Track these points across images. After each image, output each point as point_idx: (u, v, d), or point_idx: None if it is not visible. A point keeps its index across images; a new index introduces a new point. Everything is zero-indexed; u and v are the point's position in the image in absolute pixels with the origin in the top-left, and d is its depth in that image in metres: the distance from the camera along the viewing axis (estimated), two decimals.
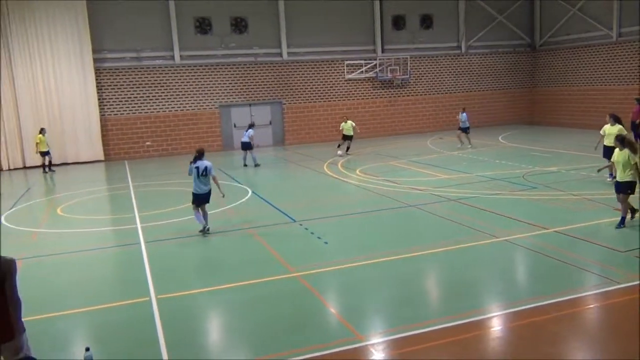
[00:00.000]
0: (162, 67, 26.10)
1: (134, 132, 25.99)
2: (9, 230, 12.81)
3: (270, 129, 28.40)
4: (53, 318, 7.44)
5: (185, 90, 26.54)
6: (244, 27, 27.26)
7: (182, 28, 26.15)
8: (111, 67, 25.35)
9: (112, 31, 25.18)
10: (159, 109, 26.24)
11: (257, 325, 6.87)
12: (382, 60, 29.20)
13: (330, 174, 18.02)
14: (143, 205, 14.72)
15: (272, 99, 28.04)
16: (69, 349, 6.55)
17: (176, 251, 10.55)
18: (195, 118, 26.84)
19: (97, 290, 8.57)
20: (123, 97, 25.68)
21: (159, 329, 6.80)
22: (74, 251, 10.78)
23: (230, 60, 27.10)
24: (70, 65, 24.36)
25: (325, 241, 10.33)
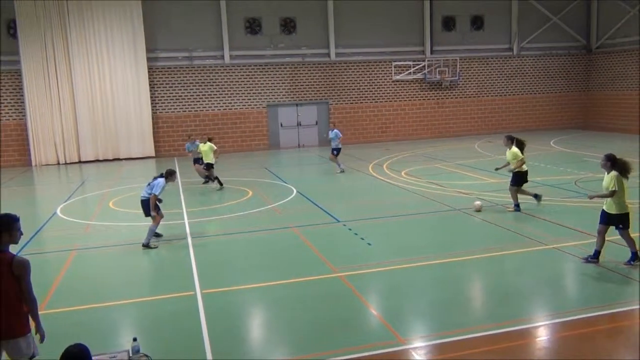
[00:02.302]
0: (212, 66, 26.61)
1: (184, 130, 26.57)
2: (64, 221, 13.34)
3: (316, 129, 28.52)
4: (103, 308, 7.71)
5: (234, 90, 26.97)
6: (293, 27, 27.48)
7: (233, 28, 26.58)
8: (163, 66, 26.03)
9: (165, 31, 25.84)
10: (208, 108, 26.77)
11: (298, 324, 6.92)
12: (430, 61, 28.86)
13: (376, 175, 17.95)
14: (190, 201, 15.05)
15: (318, 99, 28.16)
16: (117, 338, 6.76)
17: (221, 247, 10.74)
18: (243, 117, 27.24)
19: (144, 283, 8.83)
20: (174, 95, 26.33)
21: (203, 323, 6.94)
22: (124, 244, 11.12)
23: (278, 60, 27.37)
24: (125, 64, 25.14)
25: (368, 242, 10.30)
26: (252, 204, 14.31)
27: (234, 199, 15.14)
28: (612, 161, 8.33)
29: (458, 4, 29.23)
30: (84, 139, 24.98)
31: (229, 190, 16.47)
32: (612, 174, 8.24)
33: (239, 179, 18.32)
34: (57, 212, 14.27)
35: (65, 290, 8.54)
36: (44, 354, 4.77)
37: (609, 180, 8.21)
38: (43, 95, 24.39)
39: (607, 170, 8.36)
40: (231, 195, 15.74)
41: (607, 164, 8.37)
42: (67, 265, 9.79)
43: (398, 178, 17.23)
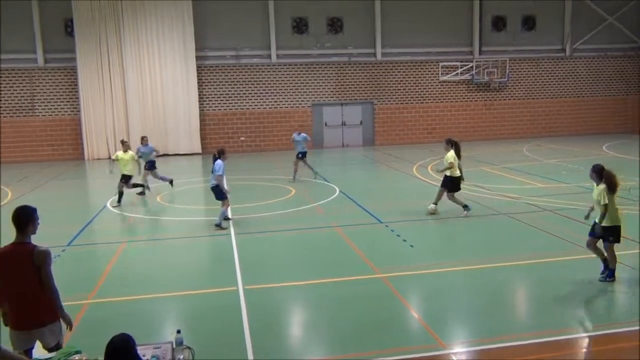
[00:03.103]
0: (259, 65, 26.93)
1: (230, 127, 27.03)
2: (113, 215, 13.77)
3: (360, 129, 28.47)
4: (148, 300, 7.93)
5: (279, 89, 27.21)
6: (340, 27, 27.50)
7: (280, 28, 26.82)
8: (212, 64, 26.51)
9: (214, 30, 26.31)
10: (254, 106, 27.10)
11: (338, 323, 6.92)
12: (479, 62, 28.36)
13: (419, 177, 17.76)
14: (234, 197, 15.24)
15: (363, 99, 28.09)
16: (161, 329, 6.94)
17: (264, 244, 10.86)
18: (288, 116, 27.45)
19: (188, 277, 9.01)
20: (221, 93, 26.78)
21: (244, 318, 7.03)
22: (169, 238, 11.39)
23: (324, 59, 27.45)
24: (175, 62, 25.74)
25: (410, 244, 10.21)
26: (294, 203, 14.41)
27: (277, 196, 15.27)
28: (598, 173, 7.88)
29: (509, 3, 28.61)
30: (134, 135, 25.67)
31: (272, 188, 16.63)
32: (601, 186, 7.77)
33: (282, 177, 18.47)
34: (107, 205, 14.73)
35: (113, 281, 8.82)
36: (91, 343, 4.93)
37: (598, 193, 7.74)
38: (97, 92, 25.23)
39: (596, 181, 7.92)
40: (274, 193, 15.88)
41: (593, 175, 7.96)
42: (115, 257, 10.10)
43: None
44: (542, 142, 26.50)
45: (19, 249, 4.74)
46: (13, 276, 4.70)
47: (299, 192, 15.71)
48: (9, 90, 25.16)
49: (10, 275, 4.70)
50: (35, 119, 25.52)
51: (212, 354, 5.87)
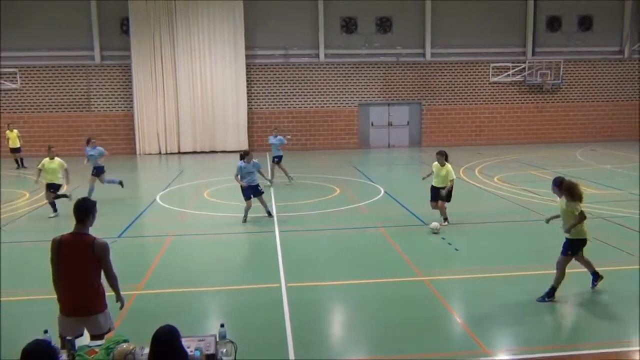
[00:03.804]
0: (307, 64, 27.06)
1: (277, 126, 27.23)
2: (162, 208, 14.13)
3: (407, 129, 28.23)
4: (193, 293, 8.11)
5: (327, 88, 27.28)
6: (389, 26, 27.33)
7: (329, 27, 26.88)
8: (261, 63, 26.82)
9: (264, 29, 26.60)
10: (300, 105, 27.27)
11: (380, 324, 6.89)
12: (531, 63, 27.62)
13: (467, 180, 17.47)
14: (280, 196, 15.40)
15: (411, 99, 27.82)
16: (205, 322, 7.08)
17: (307, 242, 10.92)
18: (335, 115, 27.48)
19: (232, 272, 9.16)
20: (269, 92, 27.06)
21: (286, 315, 7.10)
22: (215, 233, 11.60)
23: (372, 59, 27.34)
24: (225, 60, 26.17)
25: (455, 248, 10.06)
26: (339, 202, 14.43)
27: (322, 195, 15.32)
28: (558, 186, 7.49)
29: (565, 3, 27.74)
30: (184, 131, 26.31)
31: (316, 187, 16.69)
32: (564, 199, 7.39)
33: (327, 176, 18.51)
34: (157, 199, 15.13)
35: (160, 274, 9.06)
36: (138, 332, 5.07)
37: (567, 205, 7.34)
38: (149, 89, 25.94)
39: (559, 195, 7.51)
40: (319, 191, 15.94)
41: (556, 190, 7.55)
42: (163, 250, 10.37)
43: (490, 183, 16.67)
44: (597, 146, 25.59)
45: (80, 239, 4.95)
46: (72, 264, 4.90)
47: (343, 192, 15.72)
48: (67, 86, 26.17)
49: (69, 263, 4.89)
50: (90, 114, 26.45)
51: (253, 350, 5.94)
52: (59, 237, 4.96)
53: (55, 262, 4.92)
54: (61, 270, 4.92)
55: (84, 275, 4.93)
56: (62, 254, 4.89)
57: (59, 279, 4.96)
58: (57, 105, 26.22)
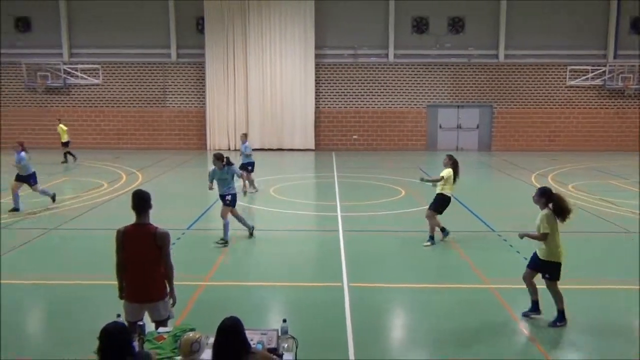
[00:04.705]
0: (376, 64, 26.94)
1: (343, 126, 27.32)
2: None
3: (476, 132, 27.54)
4: (256, 287, 8.26)
5: (395, 88, 27.05)
6: (461, 27, 26.76)
7: (399, 27, 26.63)
8: (330, 62, 26.95)
9: (334, 29, 26.72)
10: (368, 105, 27.19)
11: (441, 330, 6.77)
12: (612, 66, 26.24)
13: (538, 186, 16.84)
14: (345, 195, 15.42)
15: (482, 102, 27.12)
16: (267, 316, 7.21)
17: (371, 243, 10.87)
18: (402, 116, 27.21)
19: (295, 268, 9.26)
20: (337, 91, 27.14)
21: (347, 315, 7.11)
22: (279, 229, 11.78)
23: (443, 60, 26.86)
24: (295, 60, 26.48)
25: (524, 256, 9.69)
26: (404, 204, 14.28)
27: (387, 196, 15.22)
28: (547, 196, 6.81)
29: None
30: (253, 128, 26.83)
31: (382, 188, 16.59)
32: (544, 212, 6.75)
33: (393, 177, 18.36)
34: None
35: (226, 267, 9.30)
36: (204, 321, 5.23)
37: (539, 219, 6.74)
38: (221, 87, 26.66)
39: (541, 206, 6.85)
40: (384, 192, 15.84)
41: (540, 200, 6.85)
42: (230, 244, 10.61)
43: (564, 192, 15.98)
44: None
45: (143, 229, 5.18)
46: (136, 253, 5.13)
47: (409, 194, 15.54)
48: (144, 82, 27.31)
49: (134, 252, 5.13)
50: (165, 109, 27.48)
51: (314, 347, 5.98)
52: (123, 228, 5.20)
53: (120, 251, 5.16)
54: (126, 260, 5.16)
55: (147, 263, 5.15)
56: (126, 244, 5.13)
57: (123, 268, 5.20)
58: (135, 101, 27.42)
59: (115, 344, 3.66)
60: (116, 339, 3.67)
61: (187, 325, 4.85)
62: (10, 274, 8.69)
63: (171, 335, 4.65)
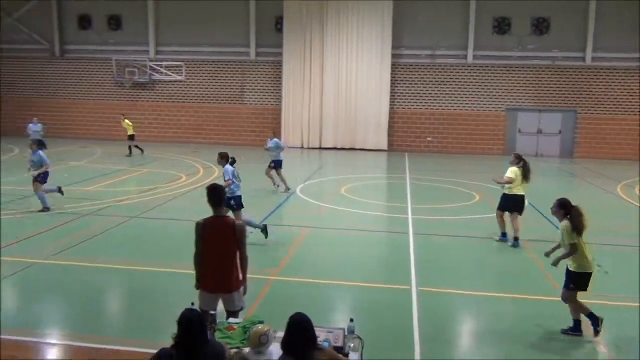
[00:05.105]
0: (454, 65, 26.38)
1: (418, 127, 26.96)
2: (301, 201, 14.68)
3: (558, 138, 26.37)
4: (324, 284, 8.34)
5: (473, 90, 26.37)
6: (546, 27, 25.68)
7: (480, 27, 25.94)
8: (406, 63, 26.66)
9: (411, 29, 26.40)
10: (444, 106, 26.67)
11: (511, 340, 6.56)
12: None
13: (624, 197, 15.91)
14: (416, 197, 15.24)
15: (565, 106, 25.91)
16: (333, 315, 7.25)
17: (443, 248, 10.69)
18: (479, 119, 26.50)
19: (364, 268, 9.26)
20: (412, 92, 26.82)
21: (414, 319, 7.03)
22: (349, 229, 11.79)
23: (525, 62, 25.90)
24: (371, 60, 26.41)
25: (605, 270, 9.21)
26: (478, 209, 13.93)
27: (461, 201, 14.90)
28: (566, 208, 6.69)
29: None
30: (327, 127, 27.04)
31: (455, 192, 16.25)
32: (564, 224, 6.63)
33: (468, 181, 17.92)
34: (297, 191, 15.74)
35: (295, 263, 9.45)
36: (272, 315, 5.34)
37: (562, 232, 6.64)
38: (297, 85, 27.03)
39: (560, 218, 6.74)
40: (458, 196, 15.52)
41: (559, 211, 6.73)
42: (300, 241, 10.79)
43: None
44: None
45: (222, 221, 5.37)
46: (216, 244, 5.32)
47: (484, 199, 15.13)
48: (224, 79, 28.16)
49: (214, 243, 5.32)
50: (242, 106, 28.21)
51: (379, 348, 5.97)
52: (202, 220, 5.40)
53: (200, 242, 5.34)
54: (205, 250, 5.34)
55: (226, 254, 5.33)
56: (206, 235, 5.32)
57: (202, 258, 5.38)
58: (215, 97, 28.33)
59: (192, 330, 3.82)
60: (193, 326, 3.83)
61: (256, 318, 4.98)
62: (92, 257, 9.25)
63: (241, 327, 4.79)
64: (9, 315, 7.28)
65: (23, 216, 12.00)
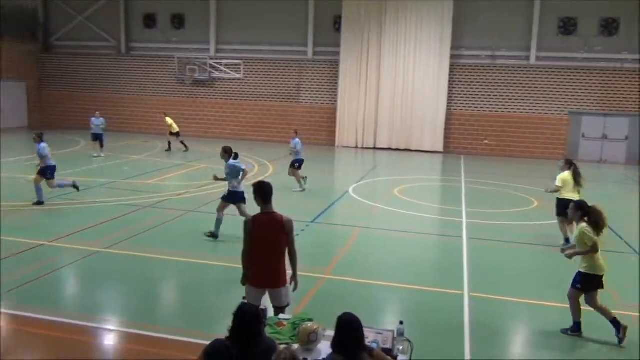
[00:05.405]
0: (515, 67, 25.67)
1: (475, 129, 26.40)
2: (354, 200, 14.66)
3: (624, 144, 25.22)
4: (374, 285, 8.30)
5: (534, 93, 25.58)
6: (615, 28, 24.61)
7: (544, 28, 25.13)
8: (465, 63, 26.16)
9: (472, 29, 25.88)
10: (503, 109, 26.00)
11: (569, 352, 6.33)
12: None
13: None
14: (471, 201, 14.93)
15: (634, 111, 24.74)
16: (382, 316, 7.21)
17: (497, 254, 10.43)
18: (540, 122, 25.68)
19: (415, 271, 9.15)
20: (471, 93, 26.28)
21: (466, 325, 6.89)
22: (401, 230, 11.69)
23: (591, 64, 24.90)
24: (429, 60, 26.06)
25: None
26: (536, 215, 13.52)
27: (518, 206, 14.50)
28: (583, 210, 6.73)
29: None
30: (382, 127, 26.89)
31: (513, 197, 15.82)
32: (582, 225, 6.62)
33: (526, 187, 17.40)
34: (349, 191, 15.73)
35: (346, 262, 9.44)
36: (322, 314, 5.36)
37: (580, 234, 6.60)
38: (354, 85, 27.01)
39: (577, 220, 6.80)
40: (515, 202, 15.11)
41: (576, 214, 6.80)
42: (351, 241, 10.78)
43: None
44: None
45: (272, 217, 5.44)
46: (267, 240, 5.39)
47: (542, 205, 14.65)
48: (281, 78, 28.48)
49: (265, 239, 5.39)
50: (298, 105, 28.45)
51: (429, 353, 5.89)
52: (252, 217, 5.49)
53: (250, 239, 5.41)
54: (256, 246, 5.41)
55: (276, 250, 5.42)
56: (257, 232, 5.39)
57: (252, 254, 5.46)
58: (271, 95, 28.71)
59: (248, 324, 3.89)
60: (250, 320, 3.90)
61: (306, 315, 5.02)
62: (150, 248, 9.56)
63: (291, 323, 4.84)
64: (70, 300, 7.64)
65: (86, 207, 12.54)
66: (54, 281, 8.04)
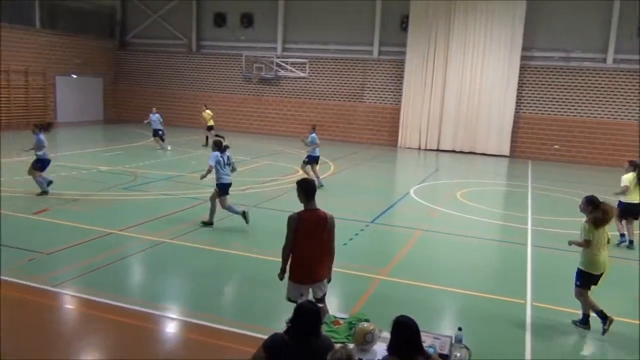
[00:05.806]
0: (591, 69, 24.55)
1: (545, 133, 25.47)
2: (415, 202, 14.48)
3: None
4: (432, 289, 8.16)
5: (610, 97, 24.37)
6: None
7: (623, 28, 23.88)
8: (537, 65, 25.27)
9: (545, 30, 24.95)
10: (576, 113, 24.94)
11: None
12: None
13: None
14: (538, 208, 14.43)
15: None
16: (441, 322, 7.09)
17: (564, 263, 10.00)
18: (616, 128, 24.44)
19: (475, 277, 8.93)
20: (541, 96, 25.37)
21: (527, 336, 6.68)
22: (462, 235, 11.44)
23: None
24: (498, 61, 25.33)
25: None
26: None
27: None
28: (593, 205, 6.84)
29: None
30: (446, 129, 26.40)
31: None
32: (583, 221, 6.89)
33: (597, 195, 16.55)
34: (410, 192, 15.55)
35: (405, 264, 9.35)
36: (378, 315, 5.33)
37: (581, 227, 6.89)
38: (418, 85, 26.67)
39: (587, 215, 6.90)
40: None
41: (587, 209, 6.91)
42: (411, 242, 10.66)
43: None
44: None
45: (316, 214, 5.57)
46: (312, 236, 5.52)
47: None
48: (346, 77, 28.52)
49: (310, 235, 5.52)
50: (361, 104, 28.39)
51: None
52: (297, 214, 5.57)
53: (294, 235, 5.52)
54: (301, 243, 5.53)
55: (320, 246, 5.54)
56: (302, 228, 5.50)
57: (296, 250, 5.57)
58: (335, 94, 28.80)
59: (308, 320, 3.94)
60: (310, 317, 3.96)
61: (363, 315, 5.01)
62: (213, 241, 9.83)
63: (347, 322, 4.85)
64: (135, 287, 7.97)
65: (153, 198, 13.04)
66: (122, 268, 8.41)
